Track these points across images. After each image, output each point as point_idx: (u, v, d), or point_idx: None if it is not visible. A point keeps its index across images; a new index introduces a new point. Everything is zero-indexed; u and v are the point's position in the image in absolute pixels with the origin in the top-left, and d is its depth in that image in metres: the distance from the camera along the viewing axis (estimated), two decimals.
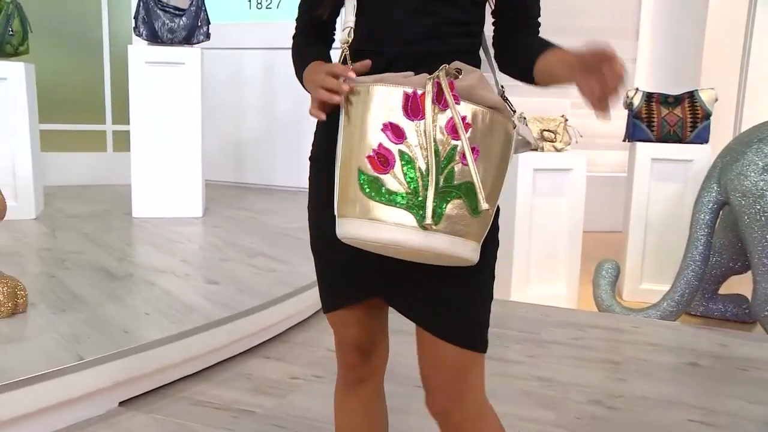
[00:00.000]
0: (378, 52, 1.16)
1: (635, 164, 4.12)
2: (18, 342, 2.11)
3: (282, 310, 2.70)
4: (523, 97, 6.94)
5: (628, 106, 4.17)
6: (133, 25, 4.14)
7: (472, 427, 1.24)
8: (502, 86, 1.24)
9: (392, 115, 1.03)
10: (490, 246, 1.18)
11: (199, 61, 4.14)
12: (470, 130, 1.04)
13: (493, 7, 1.26)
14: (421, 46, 1.16)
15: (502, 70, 1.29)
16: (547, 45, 1.19)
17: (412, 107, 1.03)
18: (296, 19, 1.35)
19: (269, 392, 2.31)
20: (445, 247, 1.03)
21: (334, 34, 1.36)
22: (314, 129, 1.28)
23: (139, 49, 4.13)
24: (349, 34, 1.15)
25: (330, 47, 1.34)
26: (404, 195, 1.02)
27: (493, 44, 1.30)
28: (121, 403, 2.14)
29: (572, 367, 2.64)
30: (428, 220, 1.01)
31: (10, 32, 3.92)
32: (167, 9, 4.11)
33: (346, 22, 1.17)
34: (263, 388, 2.34)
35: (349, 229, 1.06)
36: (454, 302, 1.18)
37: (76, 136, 5.50)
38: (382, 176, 1.03)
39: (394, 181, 1.03)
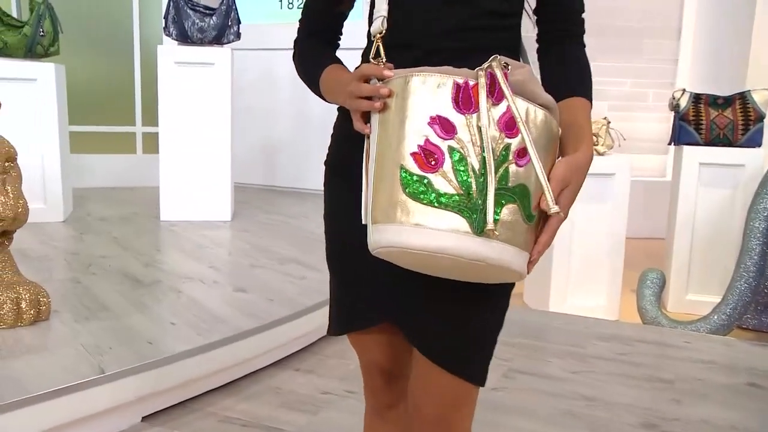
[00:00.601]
0: (410, 45, 1.05)
1: (681, 169, 3.92)
2: (38, 353, 2.01)
3: (313, 320, 2.57)
4: None
5: (675, 107, 3.97)
6: (163, 24, 4.07)
7: None
8: None
9: (441, 107, 0.90)
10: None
11: (229, 62, 4.05)
12: (522, 129, 0.92)
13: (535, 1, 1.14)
14: (458, 40, 1.05)
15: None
16: (568, 89, 1.09)
17: (464, 100, 0.90)
18: (300, 22, 1.23)
19: (299, 408, 2.19)
20: (505, 256, 0.90)
21: (341, 37, 1.25)
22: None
23: (169, 50, 4.05)
24: (382, 23, 1.02)
25: (336, 51, 1.24)
26: (456, 196, 0.89)
27: (537, 41, 1.18)
28: (144, 418, 2.04)
29: (621, 385, 2.48)
30: (490, 225, 0.88)
31: (41, 33, 3.87)
32: (197, 8, 4.03)
33: (377, 11, 1.05)
34: (293, 404, 2.22)
35: (390, 236, 0.91)
36: (462, 331, 1.09)
37: (106, 138, 5.47)
38: (429, 175, 0.89)
39: (443, 181, 0.89)
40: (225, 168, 4.13)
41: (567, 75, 1.11)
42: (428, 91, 0.91)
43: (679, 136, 3.97)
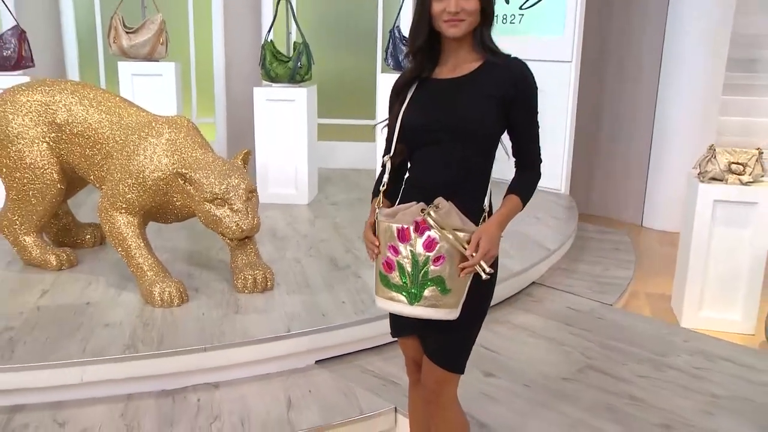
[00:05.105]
0: (427, 186, 1.98)
1: None
2: (259, 313, 3.32)
3: None
4: (747, 138, 6.57)
5: None
6: (383, 56, 5.21)
7: (440, 415, 2.13)
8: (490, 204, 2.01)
9: (392, 240, 1.88)
10: (477, 310, 2.01)
11: None
12: (437, 246, 1.83)
13: (510, 156, 2.03)
14: (451, 186, 1.95)
15: None
16: (512, 191, 1.99)
17: (401, 236, 1.86)
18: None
19: None
20: (429, 314, 1.88)
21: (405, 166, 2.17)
22: None
23: (387, 77, 5.20)
24: (382, 185, 2.02)
25: (403, 178, 2.15)
26: (400, 286, 1.89)
27: (514, 165, 2.06)
28: (316, 362, 3.24)
29: (671, 392, 3.05)
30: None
31: (299, 65, 5.27)
32: None
33: (384, 181, 2.01)
34: None
35: (379, 303, 1.97)
36: (443, 340, 2.03)
37: (350, 128, 6.93)
38: (389, 275, 1.90)
39: (395, 277, 1.89)
40: None
41: (520, 182, 2.01)
42: (387, 231, 1.89)
43: None
